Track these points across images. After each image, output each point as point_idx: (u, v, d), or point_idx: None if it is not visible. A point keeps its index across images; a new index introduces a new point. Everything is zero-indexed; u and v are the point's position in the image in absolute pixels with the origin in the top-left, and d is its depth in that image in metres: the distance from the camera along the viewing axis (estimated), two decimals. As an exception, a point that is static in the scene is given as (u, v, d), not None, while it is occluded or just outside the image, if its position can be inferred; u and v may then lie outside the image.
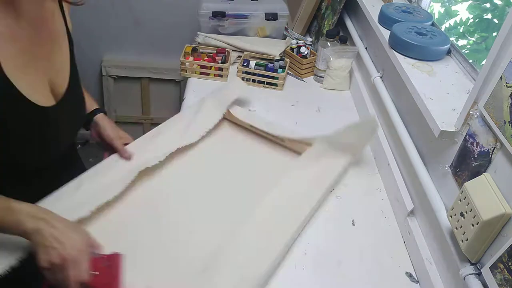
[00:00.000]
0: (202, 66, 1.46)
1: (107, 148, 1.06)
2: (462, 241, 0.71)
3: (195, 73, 1.47)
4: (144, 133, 1.14)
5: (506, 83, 0.66)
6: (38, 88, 0.80)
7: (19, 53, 0.75)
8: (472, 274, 0.70)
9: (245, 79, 1.45)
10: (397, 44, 1.08)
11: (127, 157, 1.03)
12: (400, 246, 0.96)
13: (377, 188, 1.10)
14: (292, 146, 1.16)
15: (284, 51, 1.55)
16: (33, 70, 0.78)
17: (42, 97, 0.80)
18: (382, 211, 1.04)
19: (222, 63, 1.48)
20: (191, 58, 1.48)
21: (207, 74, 1.47)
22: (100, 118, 1.05)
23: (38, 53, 0.79)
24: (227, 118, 1.25)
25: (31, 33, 0.77)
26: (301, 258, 0.90)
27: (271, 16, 1.63)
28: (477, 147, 0.74)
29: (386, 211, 1.04)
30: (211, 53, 1.51)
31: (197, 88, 1.42)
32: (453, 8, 1.51)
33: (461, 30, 1.51)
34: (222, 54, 1.51)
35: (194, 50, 1.51)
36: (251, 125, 1.20)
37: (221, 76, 1.46)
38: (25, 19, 0.75)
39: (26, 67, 0.77)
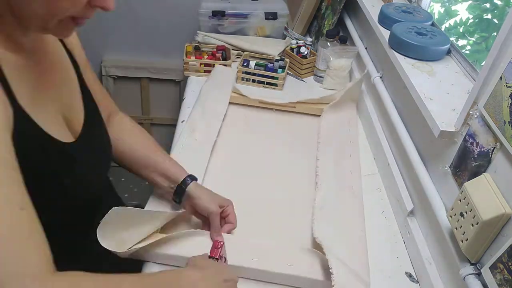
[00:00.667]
0: (205, 65, 1.47)
1: (204, 221, 0.91)
2: (462, 241, 0.71)
3: (200, 72, 1.48)
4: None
5: (506, 83, 0.66)
6: (55, 124, 0.71)
7: (29, 88, 0.67)
8: (472, 274, 0.70)
9: (245, 79, 1.45)
10: (397, 44, 1.08)
11: (218, 240, 0.84)
12: (400, 246, 0.96)
13: (377, 188, 1.10)
14: (303, 110, 1.34)
15: (284, 51, 1.55)
16: (45, 106, 0.70)
17: (60, 133, 0.71)
18: (382, 211, 1.04)
19: (223, 59, 1.48)
20: (193, 57, 1.48)
21: (210, 72, 1.47)
22: (193, 188, 0.88)
23: (46, 87, 0.72)
24: (232, 102, 1.33)
25: (34, 67, 0.69)
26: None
27: (271, 16, 1.63)
28: (477, 147, 0.74)
29: (386, 211, 1.04)
30: (210, 50, 1.52)
31: (197, 88, 1.42)
32: (453, 8, 1.51)
33: (461, 30, 1.51)
34: (221, 50, 1.51)
35: (197, 48, 1.51)
36: (260, 101, 1.33)
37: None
38: (25, 53, 0.68)
39: (39, 103, 0.68)
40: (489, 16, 1.44)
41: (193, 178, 0.90)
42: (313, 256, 0.85)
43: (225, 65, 1.47)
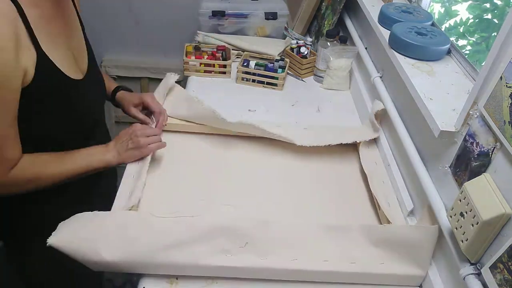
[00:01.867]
0: (205, 65, 1.47)
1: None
2: (462, 241, 0.71)
3: (200, 72, 1.48)
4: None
5: (506, 83, 0.66)
6: (68, 64, 0.88)
7: (50, 31, 0.83)
8: (472, 274, 0.70)
9: (245, 79, 1.45)
10: (397, 44, 1.08)
11: (147, 122, 1.11)
12: (400, 246, 0.95)
13: (377, 188, 1.10)
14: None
15: (284, 51, 1.55)
16: (60, 49, 0.86)
17: (72, 71, 0.89)
18: (382, 211, 1.04)
19: (223, 59, 1.48)
20: (193, 57, 1.48)
21: (210, 72, 1.47)
22: (119, 95, 1.15)
23: (63, 32, 0.89)
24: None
25: (57, 14, 0.86)
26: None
27: (271, 16, 1.63)
28: (477, 147, 0.74)
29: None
30: (210, 50, 1.52)
31: (197, 87, 1.43)
32: (453, 8, 1.51)
33: (461, 30, 1.51)
34: (221, 50, 1.51)
35: (197, 48, 1.51)
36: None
37: (224, 73, 1.47)
38: (46, 7, 0.83)
39: (55, 46, 0.84)
40: (489, 16, 1.44)
41: (121, 88, 1.16)
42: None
43: (224, 65, 1.46)
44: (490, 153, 0.70)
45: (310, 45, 1.55)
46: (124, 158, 0.98)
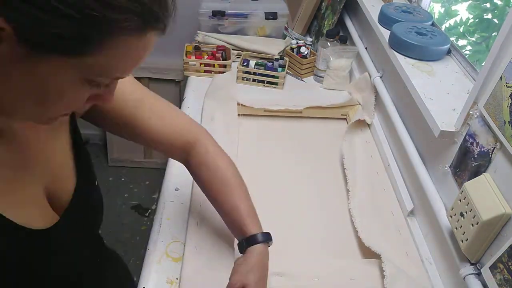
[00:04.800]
0: (205, 65, 1.47)
1: None
2: (462, 241, 0.71)
3: (200, 72, 1.48)
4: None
5: (506, 83, 0.66)
6: (32, 207, 0.61)
7: (3, 175, 0.57)
8: (472, 274, 0.70)
9: (245, 78, 1.45)
10: (397, 44, 1.08)
11: None
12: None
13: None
14: (309, 114, 1.32)
15: (284, 51, 1.55)
16: (23, 189, 0.60)
17: (36, 219, 0.61)
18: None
19: (223, 59, 1.48)
20: (193, 57, 1.48)
21: (210, 72, 1.47)
22: (247, 253, 0.76)
23: (29, 165, 0.61)
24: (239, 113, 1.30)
25: (17, 146, 0.59)
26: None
27: (271, 16, 1.63)
28: (477, 147, 0.74)
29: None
30: (210, 50, 1.52)
31: (197, 87, 1.42)
32: (453, 8, 1.51)
33: (461, 30, 1.51)
34: (221, 50, 1.51)
35: (197, 48, 1.51)
36: (265, 109, 1.30)
37: (224, 73, 1.47)
38: (6, 137, 0.57)
39: (15, 187, 0.58)
40: (489, 16, 1.44)
41: (252, 241, 0.76)
42: (371, 265, 0.85)
43: (224, 65, 1.46)
44: (490, 153, 0.70)
45: (310, 45, 1.55)
46: None
